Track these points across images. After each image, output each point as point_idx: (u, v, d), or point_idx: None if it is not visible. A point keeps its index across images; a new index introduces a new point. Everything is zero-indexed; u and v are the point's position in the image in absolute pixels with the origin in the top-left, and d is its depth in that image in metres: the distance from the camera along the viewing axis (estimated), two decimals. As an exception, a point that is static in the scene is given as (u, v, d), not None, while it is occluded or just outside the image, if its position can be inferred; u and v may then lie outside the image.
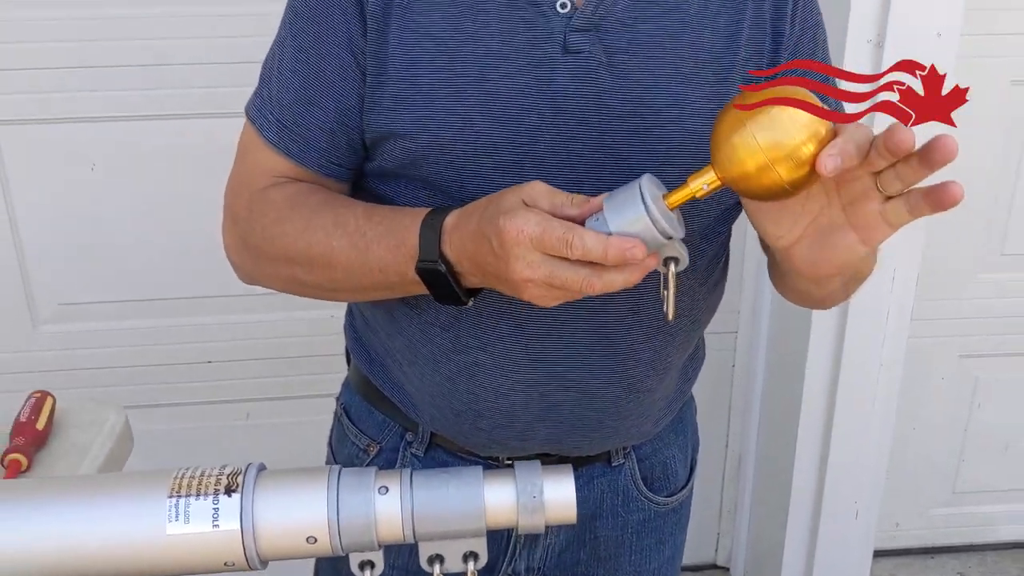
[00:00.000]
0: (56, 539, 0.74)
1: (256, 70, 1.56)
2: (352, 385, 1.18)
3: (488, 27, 0.89)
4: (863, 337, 1.91)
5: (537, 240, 0.74)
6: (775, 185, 0.70)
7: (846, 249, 0.75)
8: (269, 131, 0.96)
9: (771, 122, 0.69)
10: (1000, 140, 1.99)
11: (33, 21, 1.75)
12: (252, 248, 1.00)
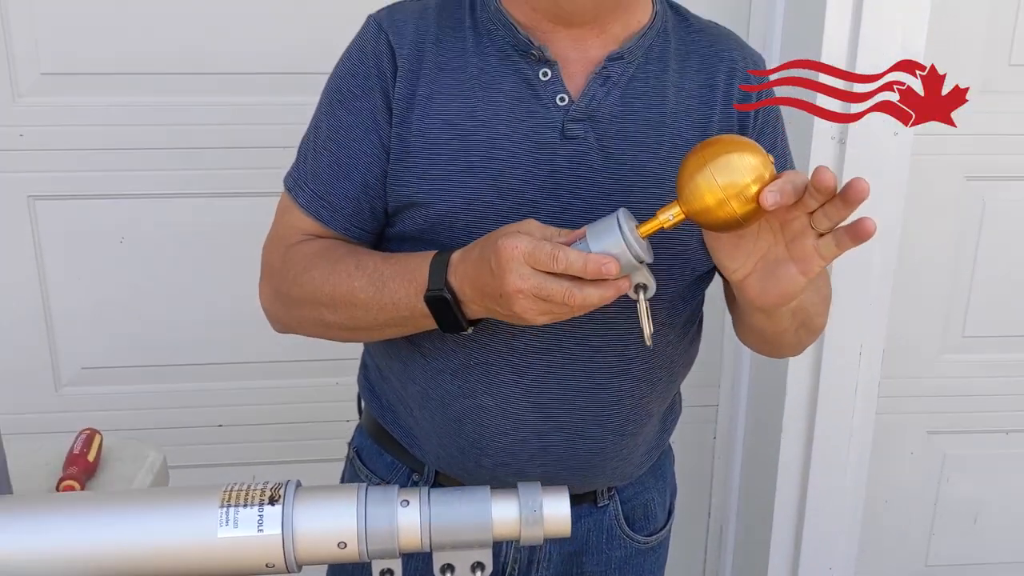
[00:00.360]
0: (124, 540, 0.85)
1: (274, 154, 1.77)
2: (364, 430, 1.31)
3: (498, 115, 1.05)
4: (834, 410, 2.03)
5: (529, 255, 0.88)
6: (730, 217, 0.86)
7: (789, 280, 0.90)
8: (303, 198, 1.12)
9: (727, 165, 0.85)
10: (957, 231, 2.15)
11: (72, 106, 1.91)
12: (284, 295, 1.14)
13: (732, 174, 0.85)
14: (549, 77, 1.06)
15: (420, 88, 1.07)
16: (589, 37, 1.08)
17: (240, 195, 1.99)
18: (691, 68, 1.11)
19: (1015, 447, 2.34)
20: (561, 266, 0.87)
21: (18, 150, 1.91)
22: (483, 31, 1.09)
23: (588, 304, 0.89)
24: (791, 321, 1.06)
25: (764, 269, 0.92)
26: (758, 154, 0.86)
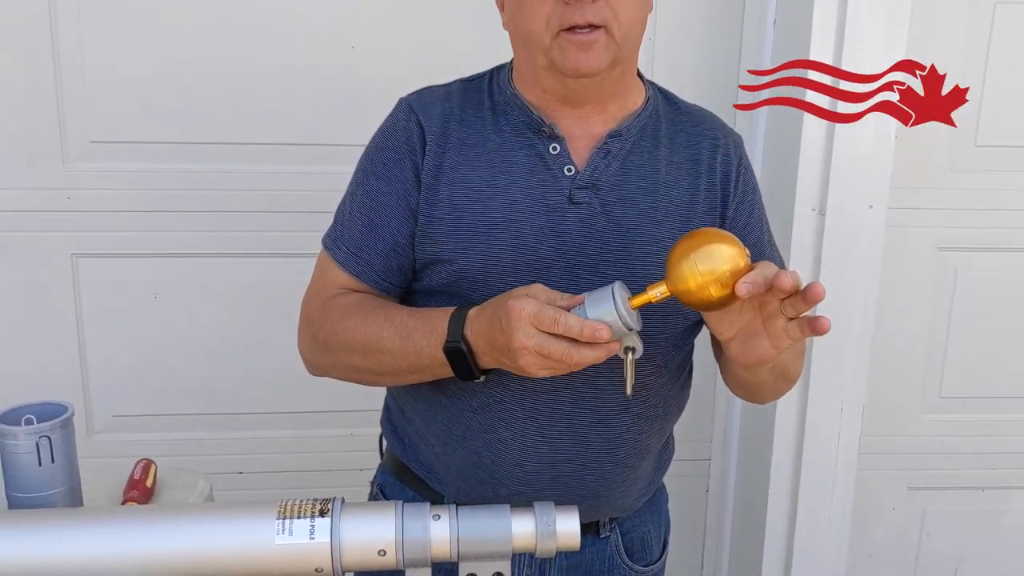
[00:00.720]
0: (192, 546, 0.99)
1: (301, 218, 1.96)
2: (387, 468, 1.44)
3: (514, 184, 1.22)
4: (818, 465, 2.17)
5: (533, 317, 1.02)
6: (708, 299, 1.01)
7: (762, 349, 1.05)
8: (339, 256, 1.28)
9: (708, 255, 1.00)
10: (931, 298, 2.31)
11: (117, 172, 2.08)
12: (321, 343, 1.28)
13: (712, 263, 1.00)
14: (558, 151, 1.23)
15: (446, 160, 1.23)
16: (591, 115, 1.24)
17: (268, 256, 2.15)
18: (680, 144, 1.28)
19: (991, 503, 2.46)
20: (561, 328, 1.01)
21: (66, 211, 2.08)
22: (500, 112, 1.26)
23: (583, 363, 1.03)
24: (769, 374, 1.21)
25: (744, 336, 1.07)
26: (735, 246, 1.01)
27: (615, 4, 1.13)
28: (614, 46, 1.15)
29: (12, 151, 2.04)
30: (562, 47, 1.15)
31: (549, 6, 1.13)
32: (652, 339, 1.21)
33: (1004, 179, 2.23)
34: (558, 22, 1.13)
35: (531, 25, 1.16)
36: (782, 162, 2.07)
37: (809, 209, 2.01)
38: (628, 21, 1.15)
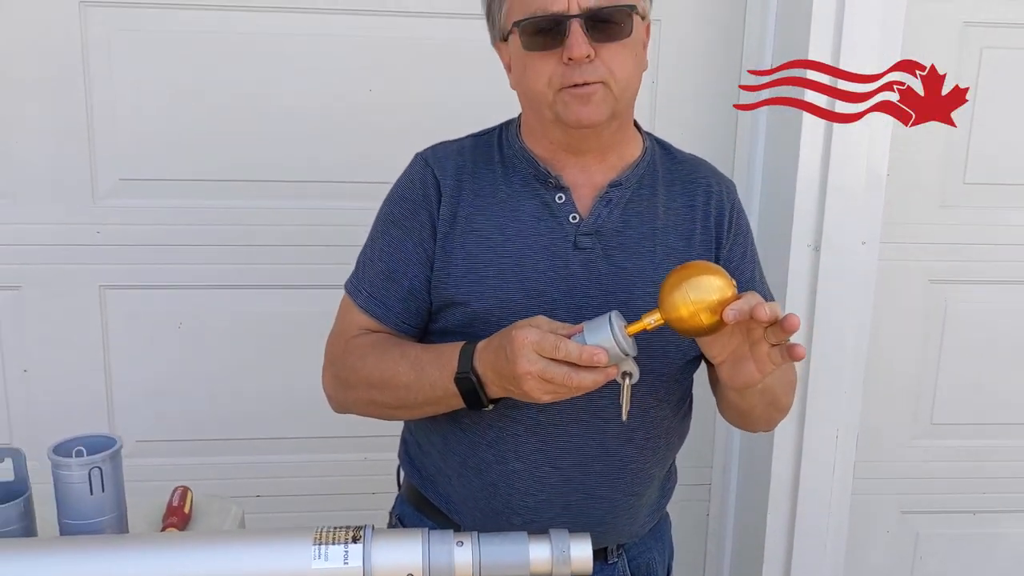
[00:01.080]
0: (234, 570, 1.07)
1: (320, 251, 2.06)
2: (405, 499, 1.52)
3: (523, 232, 1.32)
4: (814, 489, 2.25)
5: (536, 344, 1.11)
6: (698, 326, 1.10)
7: (749, 372, 1.15)
8: (360, 300, 1.37)
9: (698, 285, 1.09)
10: (923, 328, 2.40)
11: (145, 208, 2.18)
12: (342, 380, 1.37)
13: (701, 292, 1.09)
14: (563, 200, 1.33)
15: (460, 210, 1.33)
16: (593, 164, 1.34)
17: (287, 288, 2.25)
18: (676, 191, 1.38)
19: (983, 527, 2.54)
20: (561, 354, 1.10)
21: (95, 245, 2.17)
22: (509, 164, 1.36)
23: (583, 386, 1.12)
24: (759, 399, 1.30)
25: (733, 361, 1.16)
26: (723, 277, 1.10)
27: (611, 64, 1.23)
28: (611, 99, 1.25)
29: (46, 188, 2.14)
30: (564, 101, 1.25)
31: (551, 67, 1.23)
32: (653, 373, 1.31)
33: (991, 215, 2.33)
34: (560, 81, 1.24)
35: (536, 85, 1.26)
36: (779, 202, 2.17)
37: (805, 245, 2.11)
38: (624, 78, 1.25)
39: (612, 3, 1.22)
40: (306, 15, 2.13)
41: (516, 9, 1.26)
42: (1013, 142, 2.30)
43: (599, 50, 1.22)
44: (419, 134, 2.09)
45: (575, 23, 1.21)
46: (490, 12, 1.33)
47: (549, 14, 1.22)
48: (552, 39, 1.22)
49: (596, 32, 1.21)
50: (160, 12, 2.09)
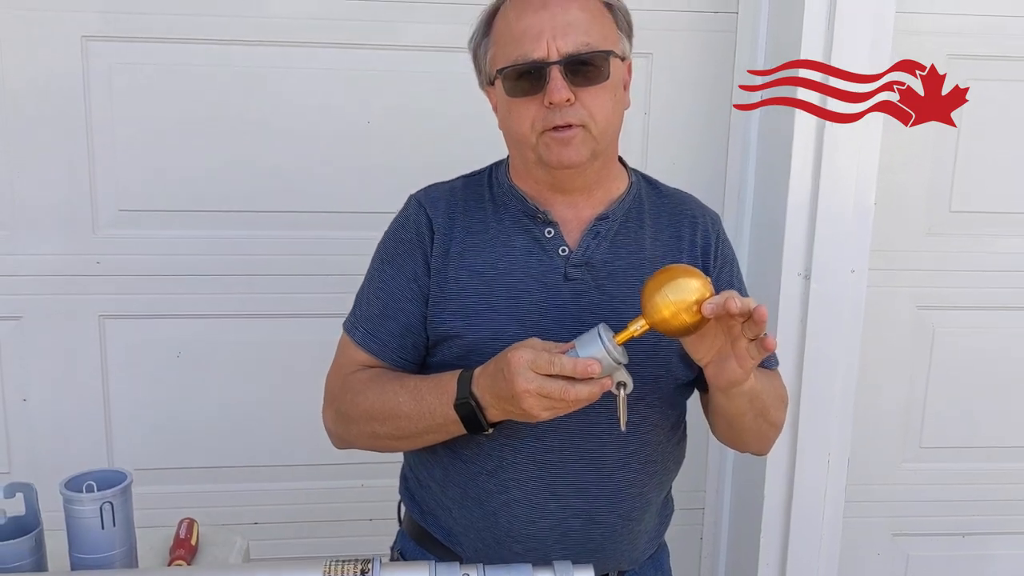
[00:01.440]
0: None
1: (319, 280, 2.09)
2: (406, 534, 1.54)
3: (515, 265, 1.36)
4: (806, 512, 2.28)
5: (531, 362, 1.15)
6: (682, 325, 1.15)
7: (733, 370, 1.20)
8: (358, 337, 1.41)
9: (677, 287, 1.15)
10: (911, 353, 2.45)
11: (144, 238, 2.20)
12: (343, 415, 1.40)
13: (680, 293, 1.14)
14: (552, 235, 1.37)
15: (453, 248, 1.37)
16: (580, 201, 1.39)
17: (286, 316, 2.28)
18: (663, 223, 1.43)
19: (972, 549, 2.58)
20: (556, 369, 1.14)
21: (94, 275, 2.20)
22: (500, 203, 1.41)
23: (581, 399, 1.16)
24: (749, 406, 1.32)
25: (717, 360, 1.21)
26: (700, 278, 1.16)
27: (591, 107, 1.28)
28: (591, 141, 1.30)
29: (47, 219, 2.16)
30: (547, 143, 1.30)
31: (534, 111, 1.29)
32: (646, 398, 1.35)
33: (977, 242, 2.38)
34: (542, 124, 1.29)
35: (520, 128, 1.31)
36: (770, 231, 2.22)
37: (795, 274, 2.15)
38: (603, 120, 1.30)
39: (589, 49, 1.27)
40: (304, 49, 2.17)
41: (500, 56, 1.32)
42: (997, 171, 2.36)
43: (579, 94, 1.27)
44: (415, 165, 2.16)
45: (555, 69, 1.26)
46: (476, 59, 1.39)
47: (530, 61, 1.27)
48: (533, 84, 1.27)
49: (575, 76, 1.27)
50: (160, 46, 2.13)
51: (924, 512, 2.55)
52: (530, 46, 1.27)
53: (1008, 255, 2.40)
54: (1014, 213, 2.39)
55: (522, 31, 1.28)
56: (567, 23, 1.27)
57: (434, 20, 2.15)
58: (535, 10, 1.28)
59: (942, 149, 2.33)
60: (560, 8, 1.28)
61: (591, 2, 1.31)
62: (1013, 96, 2.32)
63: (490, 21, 1.36)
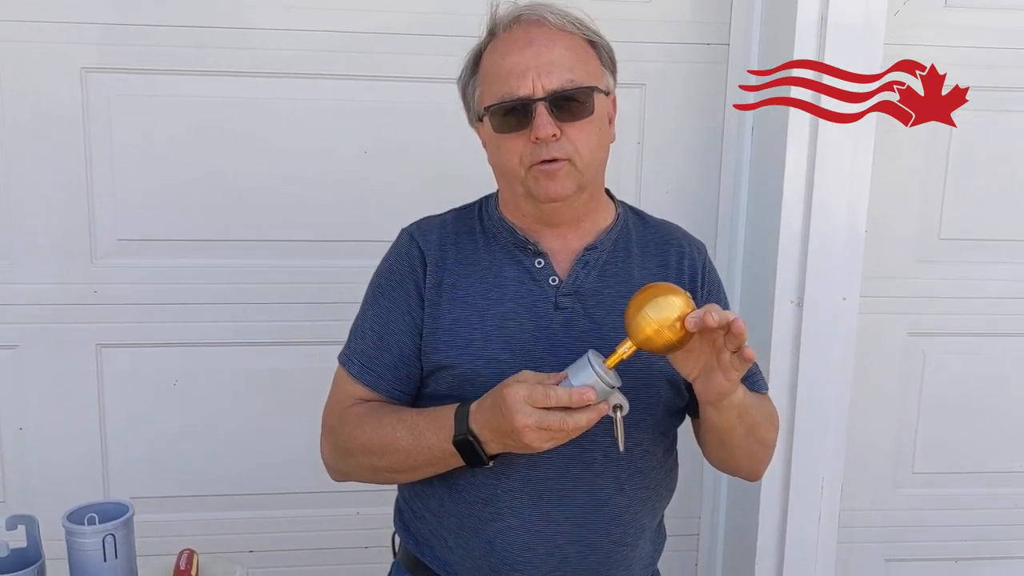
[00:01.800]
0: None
1: (313, 308, 2.10)
2: (401, 565, 1.54)
3: (506, 295, 1.39)
4: (801, 537, 2.29)
5: (528, 397, 1.17)
6: (666, 342, 1.17)
7: (719, 382, 1.22)
8: (353, 369, 1.43)
9: (658, 305, 1.17)
10: (902, 380, 2.47)
11: (141, 267, 2.22)
12: (341, 448, 1.41)
13: (662, 310, 1.17)
14: (542, 265, 1.40)
15: (446, 279, 1.40)
16: (568, 233, 1.42)
17: (283, 344, 2.29)
18: (650, 253, 1.46)
19: (964, 574, 2.59)
20: (553, 401, 1.17)
21: (92, 304, 2.21)
22: (490, 235, 1.43)
23: (580, 427, 1.18)
24: (738, 420, 1.33)
25: (705, 374, 1.23)
26: (680, 294, 1.18)
27: (576, 142, 1.31)
28: (577, 174, 1.33)
29: (46, 249, 2.18)
30: (534, 177, 1.33)
31: (521, 146, 1.32)
32: (638, 425, 1.37)
33: (967, 270, 2.42)
34: (529, 159, 1.32)
35: (508, 163, 1.34)
36: (762, 260, 2.24)
37: (788, 301, 2.17)
38: (588, 154, 1.33)
39: (574, 85, 1.30)
40: (301, 80, 2.19)
41: (487, 94, 1.35)
42: (985, 199, 2.39)
43: (564, 129, 1.30)
44: (410, 194, 2.19)
45: (540, 105, 1.29)
46: (465, 96, 1.42)
47: (516, 98, 1.30)
48: (520, 120, 1.31)
49: (560, 112, 1.30)
50: (159, 77, 2.15)
51: (917, 537, 2.57)
52: (516, 83, 1.30)
53: (997, 282, 2.43)
54: (1003, 240, 2.42)
55: (508, 69, 1.32)
56: (551, 61, 1.30)
57: (430, 52, 2.18)
58: (520, 48, 1.32)
59: (931, 178, 2.37)
60: (545, 46, 1.31)
61: (575, 39, 1.35)
62: (1000, 126, 2.36)
63: (477, 60, 1.39)
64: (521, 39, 1.33)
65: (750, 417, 1.35)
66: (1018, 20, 2.29)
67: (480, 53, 1.39)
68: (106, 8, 2.10)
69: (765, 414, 1.42)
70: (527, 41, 1.32)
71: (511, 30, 1.34)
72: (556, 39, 1.32)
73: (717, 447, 1.43)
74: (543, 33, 1.33)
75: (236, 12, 2.14)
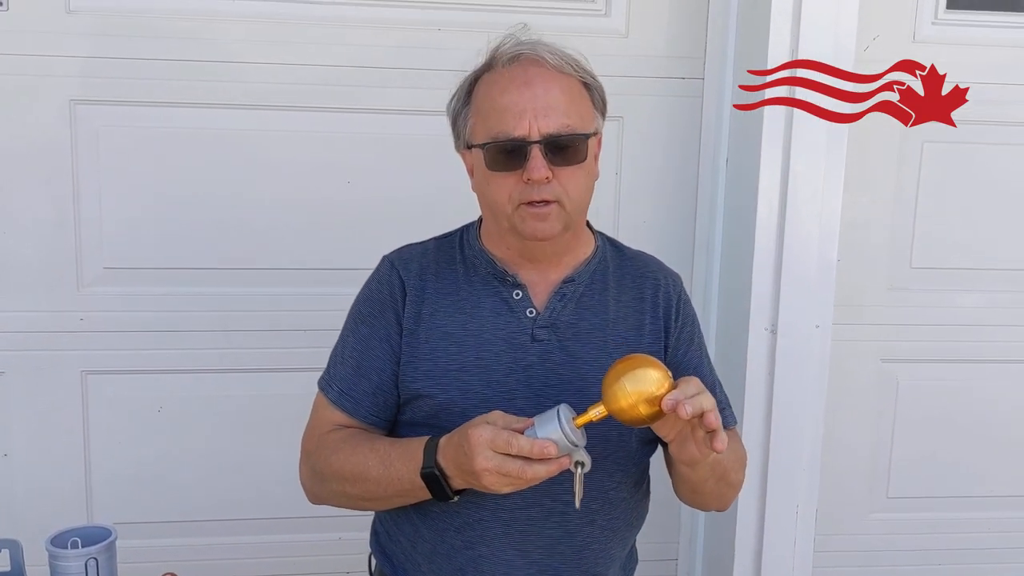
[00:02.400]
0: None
1: (295, 336, 2.15)
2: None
3: (483, 327, 1.42)
4: (776, 564, 2.32)
5: (490, 441, 1.19)
6: (637, 416, 1.18)
7: (691, 452, 1.23)
8: (332, 395, 1.46)
9: (636, 378, 1.17)
10: (876, 406, 2.52)
11: (127, 295, 2.25)
12: (317, 473, 1.44)
13: (639, 384, 1.17)
14: (520, 297, 1.43)
15: (424, 309, 1.43)
16: (548, 268, 1.45)
17: (266, 371, 2.32)
18: (626, 285, 1.49)
19: (940, 598, 2.63)
20: (514, 450, 1.18)
21: (78, 332, 2.24)
22: (470, 265, 1.46)
23: (538, 477, 1.19)
24: (710, 473, 1.37)
25: (679, 439, 1.25)
26: (659, 369, 1.18)
27: (567, 185, 1.34)
28: (565, 216, 1.36)
29: (32, 278, 2.21)
30: (522, 216, 1.35)
31: (512, 184, 1.34)
32: (610, 456, 1.39)
33: (938, 297, 2.47)
34: (519, 198, 1.34)
35: (497, 198, 1.36)
36: (737, 288, 2.30)
37: (763, 329, 2.22)
38: (578, 196, 1.37)
39: (570, 131, 1.33)
40: (284, 112, 2.23)
41: (480, 128, 1.37)
42: (955, 228, 2.45)
43: (556, 172, 1.32)
44: (393, 223, 2.23)
45: (535, 148, 1.31)
46: (455, 124, 1.44)
47: (511, 138, 1.32)
48: (514, 160, 1.33)
49: (554, 156, 1.32)
50: (146, 109, 2.19)
51: (892, 562, 2.60)
52: (513, 123, 1.31)
53: (968, 309, 2.49)
54: (973, 269, 2.48)
55: (505, 107, 1.33)
56: (548, 104, 1.32)
57: (410, 85, 2.23)
58: (518, 87, 1.33)
59: (902, 207, 2.42)
60: (543, 88, 1.33)
61: (571, 82, 1.36)
62: (969, 156, 2.42)
63: (470, 89, 1.41)
64: (519, 78, 1.34)
65: (721, 467, 1.38)
66: (986, 56, 2.35)
67: (474, 82, 1.40)
68: (93, 42, 2.15)
69: (735, 459, 1.44)
70: (525, 81, 1.33)
71: (510, 67, 1.35)
72: (554, 81, 1.34)
73: (686, 491, 1.46)
74: (541, 74, 1.34)
75: (221, 46, 2.19)
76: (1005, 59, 2.36)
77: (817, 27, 2.04)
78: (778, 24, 2.05)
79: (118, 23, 2.15)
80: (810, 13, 2.05)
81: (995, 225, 2.47)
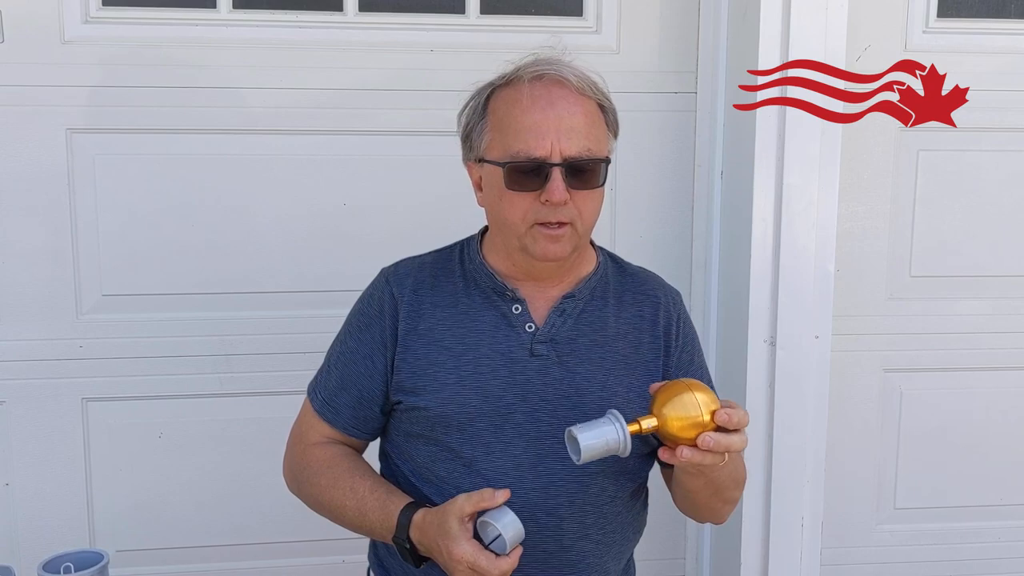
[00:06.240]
0: None
1: (293, 359, 2.13)
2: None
3: (481, 340, 1.42)
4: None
5: (471, 563, 1.23)
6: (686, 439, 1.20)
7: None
8: (316, 403, 1.49)
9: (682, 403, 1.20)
10: (879, 416, 2.51)
11: (127, 321, 2.25)
12: (297, 480, 1.49)
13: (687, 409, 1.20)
14: (520, 311, 1.43)
15: (421, 323, 1.43)
16: (549, 284, 1.46)
17: (266, 395, 2.31)
18: (626, 302, 1.49)
19: (950, 609, 2.61)
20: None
21: (77, 359, 2.24)
22: (470, 278, 1.47)
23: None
24: (704, 484, 1.37)
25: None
26: (708, 393, 1.21)
27: (582, 208, 1.35)
28: (576, 238, 1.37)
29: (32, 306, 2.22)
30: (535, 236, 1.36)
31: (528, 204, 1.34)
32: (606, 470, 1.39)
33: (938, 306, 2.47)
34: (534, 218, 1.34)
35: (510, 216, 1.36)
36: (735, 301, 2.29)
37: (762, 341, 2.21)
38: (590, 219, 1.38)
39: (590, 155, 1.33)
40: (280, 136, 2.25)
41: (498, 144, 1.36)
42: (953, 237, 2.45)
43: (573, 195, 1.33)
44: (389, 245, 2.20)
45: (556, 170, 1.31)
46: (468, 136, 1.43)
47: (533, 158, 1.32)
48: (532, 180, 1.33)
49: (573, 179, 1.32)
50: (143, 136, 2.20)
51: (901, 573, 2.58)
52: (535, 143, 1.31)
53: (968, 317, 2.48)
54: (972, 276, 2.48)
55: (527, 127, 1.32)
56: (571, 127, 1.32)
57: (407, 107, 2.24)
58: (542, 108, 1.32)
59: (900, 218, 2.42)
60: (566, 111, 1.33)
61: (591, 105, 1.36)
62: (964, 163, 2.41)
63: (486, 102, 1.40)
64: (543, 98, 1.33)
65: (717, 480, 1.38)
66: (978, 62, 2.35)
67: (489, 95, 1.40)
68: (89, 71, 2.17)
69: (732, 478, 1.43)
70: (548, 101, 1.33)
71: (533, 86, 1.35)
72: (576, 104, 1.34)
73: (681, 499, 1.48)
74: (564, 96, 1.34)
75: (217, 72, 2.21)
76: (997, 65, 2.36)
77: (807, 38, 2.04)
78: (768, 37, 2.04)
79: (113, 52, 2.17)
80: (800, 25, 2.05)
81: (990, 231, 2.46)
